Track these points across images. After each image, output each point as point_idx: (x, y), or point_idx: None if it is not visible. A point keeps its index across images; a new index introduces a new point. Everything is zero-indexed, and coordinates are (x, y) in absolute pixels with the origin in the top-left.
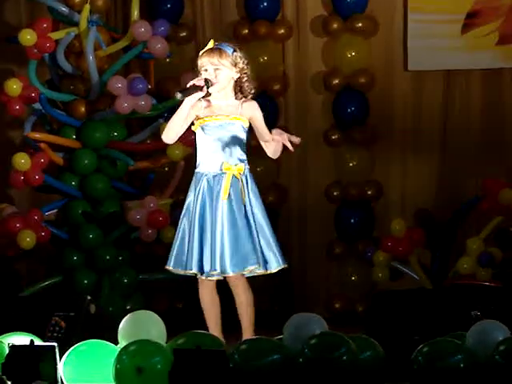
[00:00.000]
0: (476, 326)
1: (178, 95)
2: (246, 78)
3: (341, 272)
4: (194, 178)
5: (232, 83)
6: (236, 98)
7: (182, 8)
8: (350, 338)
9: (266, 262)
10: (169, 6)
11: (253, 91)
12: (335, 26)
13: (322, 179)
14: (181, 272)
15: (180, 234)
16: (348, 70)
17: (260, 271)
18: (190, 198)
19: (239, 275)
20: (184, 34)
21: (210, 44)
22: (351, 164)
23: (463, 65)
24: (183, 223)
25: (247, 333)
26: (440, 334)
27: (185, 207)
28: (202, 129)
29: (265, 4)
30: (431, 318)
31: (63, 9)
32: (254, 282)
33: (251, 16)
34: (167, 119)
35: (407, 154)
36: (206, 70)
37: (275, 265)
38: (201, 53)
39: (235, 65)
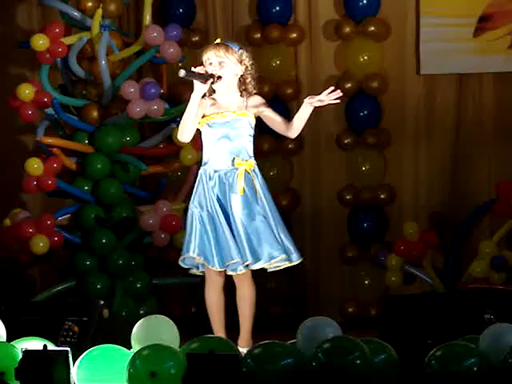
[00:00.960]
0: (489, 330)
1: (182, 72)
2: (249, 78)
3: (354, 276)
4: (201, 175)
5: (236, 80)
6: (241, 96)
7: (194, 12)
8: (363, 342)
9: (288, 253)
10: (181, 10)
11: (256, 93)
12: (347, 29)
13: (334, 183)
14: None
15: (197, 226)
16: (360, 73)
17: (284, 263)
18: (201, 193)
19: (245, 270)
20: (196, 38)
21: (218, 41)
22: (364, 168)
23: (476, 68)
24: (198, 215)
25: (244, 333)
26: (453, 337)
27: (195, 202)
28: (209, 126)
29: (277, 8)
30: (444, 322)
31: (75, 13)
32: (266, 285)
33: (263, 20)
34: (180, 124)
35: (420, 157)
36: (210, 64)
37: (296, 257)
38: (206, 47)
39: (240, 62)
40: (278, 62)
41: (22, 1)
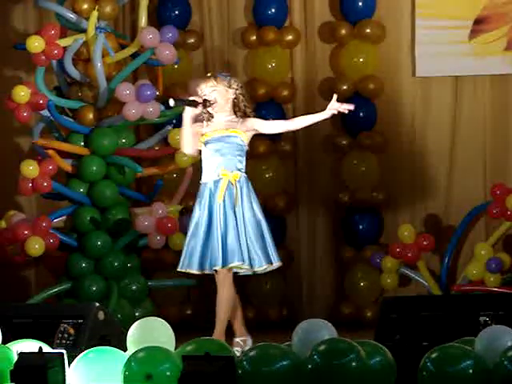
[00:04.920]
0: (485, 332)
1: (171, 101)
2: (241, 98)
3: (349, 278)
4: (199, 189)
5: (230, 104)
6: (236, 116)
7: (189, 14)
8: (358, 344)
9: (251, 260)
10: (177, 12)
11: (251, 111)
12: (343, 31)
13: (330, 185)
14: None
15: (189, 238)
16: (356, 76)
17: (245, 267)
18: (197, 208)
19: (226, 272)
20: (192, 40)
21: (208, 74)
22: (360, 170)
23: (471, 71)
24: (192, 229)
25: (219, 326)
26: (449, 339)
27: (193, 217)
28: (205, 143)
29: (273, 10)
30: (440, 324)
31: (71, 15)
32: (261, 287)
33: (259, 22)
34: (175, 126)
35: (415, 159)
36: (204, 95)
37: (259, 264)
38: (200, 82)
39: (229, 86)
40: (273, 64)
41: (18, 2)
